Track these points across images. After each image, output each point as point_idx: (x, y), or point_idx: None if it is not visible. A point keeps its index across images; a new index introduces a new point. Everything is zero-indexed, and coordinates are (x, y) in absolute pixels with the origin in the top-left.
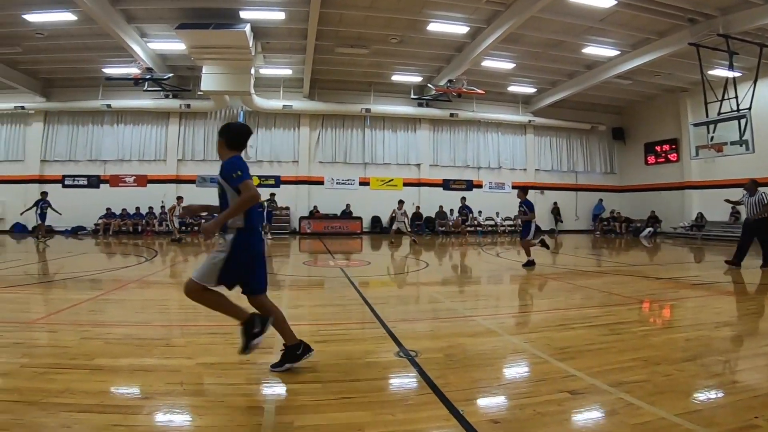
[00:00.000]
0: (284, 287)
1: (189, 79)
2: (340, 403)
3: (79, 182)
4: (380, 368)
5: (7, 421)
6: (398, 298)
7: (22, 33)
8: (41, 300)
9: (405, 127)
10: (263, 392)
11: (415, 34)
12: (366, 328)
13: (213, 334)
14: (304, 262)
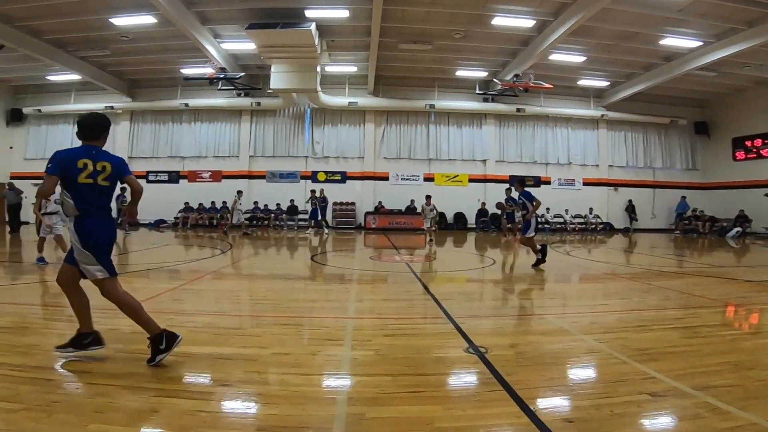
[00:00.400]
0: (352, 281)
1: (259, 77)
2: (411, 396)
3: (161, 178)
4: (449, 363)
5: (104, 403)
6: (465, 294)
7: (110, 36)
8: (130, 289)
9: (470, 123)
10: (335, 383)
11: (479, 28)
12: (434, 323)
13: (285, 326)
14: (370, 257)
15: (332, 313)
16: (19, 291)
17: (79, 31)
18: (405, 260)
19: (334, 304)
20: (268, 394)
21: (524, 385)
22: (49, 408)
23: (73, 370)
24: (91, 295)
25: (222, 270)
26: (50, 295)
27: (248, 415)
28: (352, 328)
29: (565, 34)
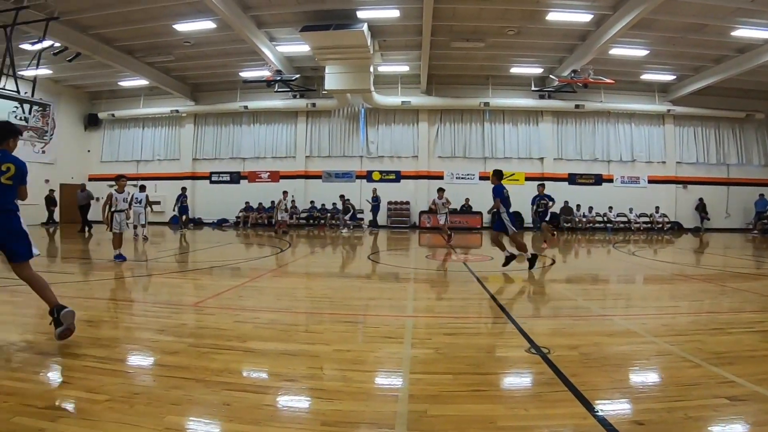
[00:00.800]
0: (409, 280)
1: (313, 79)
2: (472, 395)
3: (223, 178)
4: (511, 363)
5: (180, 396)
6: (525, 294)
7: (174, 42)
8: (198, 285)
9: (526, 120)
10: (396, 380)
11: (532, 24)
12: (493, 323)
13: (346, 323)
14: (426, 256)
15: (391, 312)
16: (99, 286)
17: (146, 38)
18: (461, 259)
19: (393, 302)
20: (332, 390)
21: (590, 386)
22: (131, 399)
23: (149, 363)
24: (164, 291)
25: (282, 268)
26: (128, 291)
27: (313, 410)
28: (412, 327)
29: (625, 28)
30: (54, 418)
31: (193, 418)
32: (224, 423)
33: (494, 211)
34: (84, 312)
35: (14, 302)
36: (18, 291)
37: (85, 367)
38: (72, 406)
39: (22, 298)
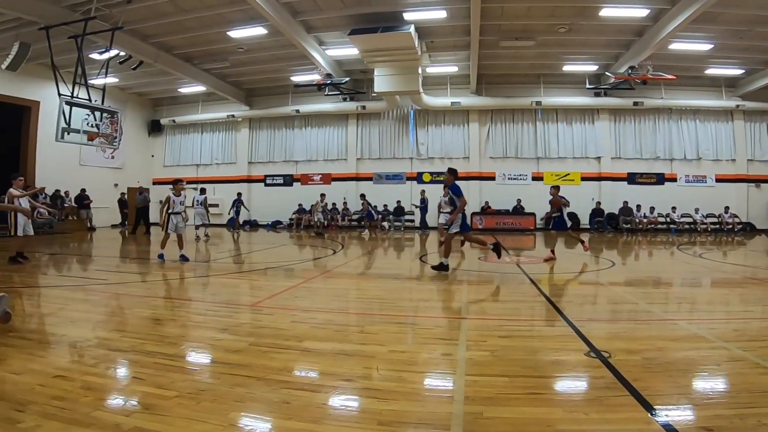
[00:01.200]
0: (462, 282)
1: (363, 81)
2: (529, 397)
3: (277, 181)
4: (569, 366)
5: (242, 393)
6: (584, 296)
7: (228, 48)
8: (255, 286)
9: (581, 119)
10: (452, 382)
11: (585, 21)
12: (550, 326)
13: (400, 324)
14: (479, 258)
15: (445, 313)
16: (164, 286)
17: (202, 45)
18: (515, 261)
19: (446, 304)
20: (387, 390)
21: (654, 392)
22: (197, 396)
23: (214, 361)
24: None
25: (335, 269)
26: (191, 290)
27: (369, 409)
28: (466, 328)
29: (685, 22)
30: (129, 413)
31: (254, 415)
32: (284, 421)
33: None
34: (152, 311)
35: (90, 301)
36: (93, 290)
37: (156, 363)
38: (144, 401)
39: (97, 296)
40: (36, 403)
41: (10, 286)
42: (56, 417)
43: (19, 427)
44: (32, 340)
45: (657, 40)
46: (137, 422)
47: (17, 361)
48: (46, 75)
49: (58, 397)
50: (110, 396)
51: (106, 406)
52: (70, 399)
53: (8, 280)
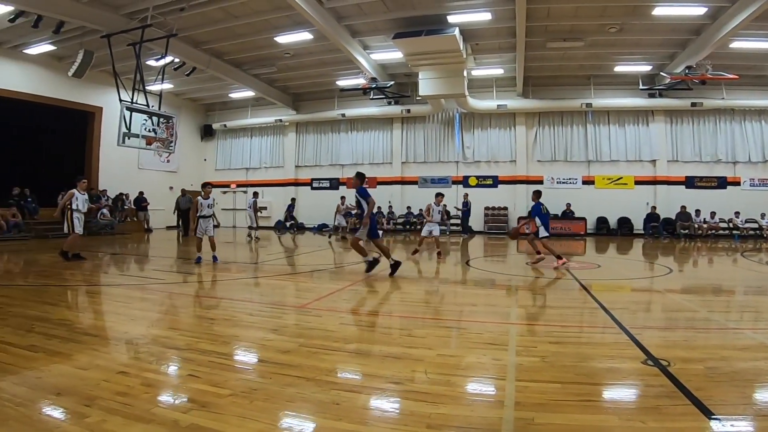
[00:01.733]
0: (510, 287)
1: (407, 85)
2: (582, 405)
3: (323, 185)
4: (625, 374)
5: (293, 394)
6: (639, 303)
7: (276, 54)
8: (303, 288)
9: (634, 121)
10: (501, 387)
11: (637, 20)
12: (604, 333)
13: (448, 328)
14: (527, 263)
15: (493, 318)
16: (217, 286)
17: (251, 51)
18: (565, 266)
19: (495, 308)
20: (436, 394)
21: (718, 401)
22: (251, 395)
23: (265, 360)
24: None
25: (381, 273)
26: (244, 291)
27: (418, 412)
28: (516, 334)
29: (747, 20)
30: (186, 410)
31: (305, 415)
32: (333, 422)
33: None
34: (205, 310)
35: (148, 299)
36: (152, 289)
37: (210, 362)
38: (200, 399)
39: (155, 295)
40: (101, 398)
41: (76, 284)
42: (119, 412)
43: (87, 422)
44: (97, 337)
45: (716, 39)
46: (194, 419)
47: (84, 357)
48: (107, 81)
49: (121, 393)
50: (168, 393)
51: (164, 402)
52: (132, 395)
53: (74, 278)
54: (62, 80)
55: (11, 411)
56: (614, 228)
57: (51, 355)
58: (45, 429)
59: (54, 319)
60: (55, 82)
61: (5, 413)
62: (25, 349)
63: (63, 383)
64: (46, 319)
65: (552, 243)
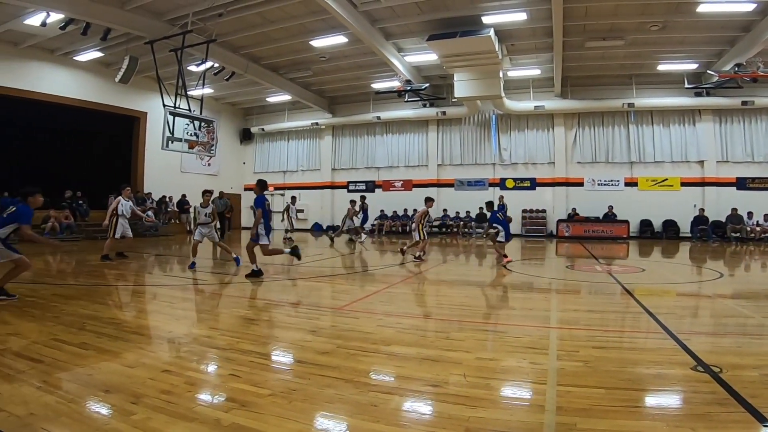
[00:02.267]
0: (550, 290)
1: (442, 87)
2: (628, 410)
3: (359, 187)
4: (672, 380)
5: (332, 395)
6: (688, 309)
7: (311, 58)
8: (341, 290)
9: (680, 120)
10: (543, 391)
11: (680, 18)
12: (650, 338)
13: (486, 332)
14: (567, 266)
15: (533, 322)
16: (258, 287)
17: (287, 55)
18: (607, 270)
19: (534, 312)
20: (475, 397)
21: None
22: (290, 396)
23: (304, 361)
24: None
25: (419, 275)
26: (283, 293)
27: (456, 416)
28: (556, 338)
29: None
30: (227, 409)
31: (343, 416)
32: (372, 423)
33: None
34: (246, 311)
35: (191, 299)
36: (193, 289)
37: (251, 362)
38: (241, 398)
39: (197, 296)
40: (147, 396)
41: (124, 285)
42: (164, 410)
43: (133, 419)
44: (144, 335)
45: (767, 36)
46: (235, 419)
47: (131, 355)
48: (151, 87)
49: (165, 391)
50: (210, 392)
51: (206, 401)
52: (176, 393)
53: (122, 278)
54: (109, 86)
55: (64, 407)
56: (659, 231)
57: (101, 352)
58: (94, 426)
59: (104, 317)
60: (103, 88)
61: (58, 410)
62: (77, 347)
63: (112, 381)
64: (96, 318)
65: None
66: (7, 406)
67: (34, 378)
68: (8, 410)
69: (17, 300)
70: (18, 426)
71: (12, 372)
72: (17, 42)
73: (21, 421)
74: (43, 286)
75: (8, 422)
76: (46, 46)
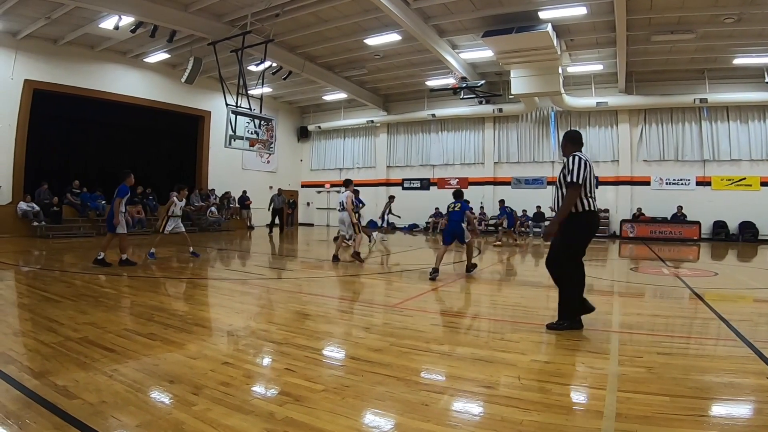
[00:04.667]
0: (612, 293)
1: (498, 84)
2: (694, 420)
3: (414, 185)
4: (745, 390)
5: (383, 392)
6: (765, 316)
7: (366, 56)
8: (395, 287)
9: (760, 116)
10: (602, 397)
11: (758, 9)
12: (721, 345)
13: (542, 333)
14: (630, 268)
15: (593, 325)
16: (312, 283)
17: (342, 54)
18: (674, 273)
19: (594, 315)
20: (529, 400)
21: None
22: (342, 392)
23: (357, 357)
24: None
25: (473, 275)
26: (338, 289)
27: (509, 418)
28: (618, 342)
29: None
30: (282, 402)
31: (393, 414)
32: (422, 423)
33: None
34: (302, 306)
35: (250, 293)
36: (253, 284)
37: (306, 357)
38: (295, 392)
39: (256, 290)
40: (207, 387)
41: (188, 278)
42: (223, 402)
43: (194, 410)
44: (206, 328)
45: None
46: (288, 412)
47: (194, 347)
48: (214, 87)
49: (224, 383)
50: (266, 385)
51: (262, 394)
52: (235, 386)
53: (184, 270)
54: (176, 86)
55: (132, 396)
56: (734, 233)
57: (167, 344)
58: (158, 416)
59: (170, 309)
60: (170, 88)
61: (127, 398)
62: (146, 337)
63: (176, 371)
64: (163, 309)
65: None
66: (82, 394)
67: (106, 366)
68: (83, 398)
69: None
70: (91, 414)
71: (87, 360)
72: (94, 45)
73: (94, 409)
74: (115, 277)
75: (82, 410)
76: (119, 49)
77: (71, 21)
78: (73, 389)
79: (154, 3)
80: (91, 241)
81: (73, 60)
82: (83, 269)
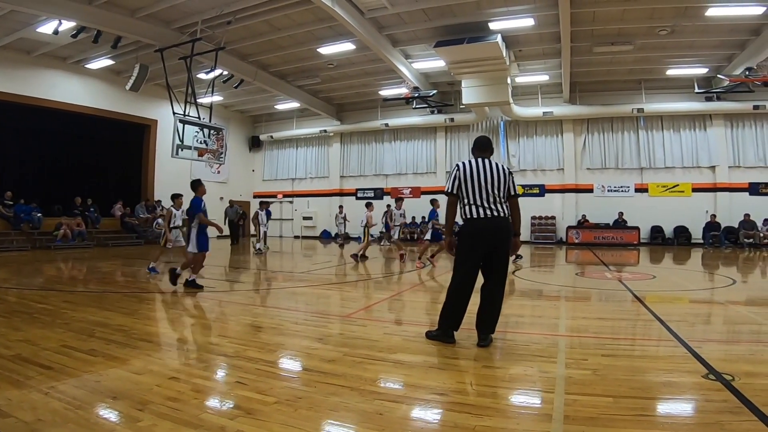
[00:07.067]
0: (559, 298)
1: (450, 94)
2: (637, 419)
3: (368, 194)
4: (683, 389)
5: (336, 402)
6: (699, 316)
7: (319, 65)
8: (348, 297)
9: (690, 125)
10: (551, 400)
11: (689, 22)
12: (660, 346)
13: (495, 339)
14: (576, 273)
15: (541, 330)
16: (265, 295)
17: (295, 63)
18: (617, 277)
19: (542, 320)
20: (481, 406)
21: None
22: (295, 403)
23: (310, 369)
24: None
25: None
26: (290, 300)
27: (462, 424)
28: (565, 346)
29: None
30: (233, 416)
31: (348, 424)
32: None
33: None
34: (253, 318)
35: (200, 307)
36: (203, 297)
37: (257, 369)
38: (246, 405)
39: (207, 303)
40: (153, 403)
41: (133, 291)
42: (169, 417)
43: (139, 426)
44: (153, 342)
45: None
46: (240, 426)
47: (139, 362)
48: (161, 95)
49: (171, 398)
50: (216, 399)
51: (212, 408)
52: (182, 400)
53: (131, 285)
54: (120, 94)
55: (71, 414)
56: (670, 237)
57: (109, 359)
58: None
59: (113, 324)
60: (114, 96)
61: (66, 416)
62: (86, 353)
63: (119, 387)
64: (105, 325)
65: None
66: (16, 412)
67: (42, 384)
68: (16, 416)
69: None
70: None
71: (21, 378)
72: (30, 50)
73: (29, 427)
74: (53, 292)
75: (16, 428)
76: (59, 54)
77: (6, 25)
78: (5, 407)
79: (97, 8)
80: (25, 256)
81: (6, 65)
82: (17, 285)
